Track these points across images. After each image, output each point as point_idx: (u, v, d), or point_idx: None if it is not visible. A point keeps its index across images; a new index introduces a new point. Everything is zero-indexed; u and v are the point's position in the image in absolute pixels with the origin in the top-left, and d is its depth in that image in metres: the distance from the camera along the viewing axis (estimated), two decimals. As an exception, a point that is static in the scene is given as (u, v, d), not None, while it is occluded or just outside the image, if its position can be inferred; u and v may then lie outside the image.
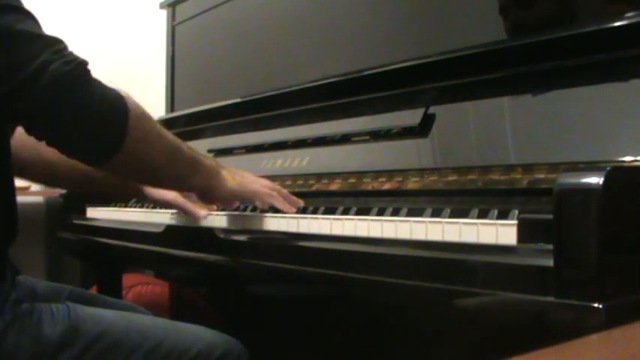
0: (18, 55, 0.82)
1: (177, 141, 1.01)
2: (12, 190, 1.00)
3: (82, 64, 0.87)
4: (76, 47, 0.90)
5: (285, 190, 1.12)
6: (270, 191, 1.09)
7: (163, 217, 1.34)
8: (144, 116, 0.93)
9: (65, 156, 0.92)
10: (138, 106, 0.92)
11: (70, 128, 0.86)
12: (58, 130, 0.87)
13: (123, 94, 0.90)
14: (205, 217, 1.18)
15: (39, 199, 2.39)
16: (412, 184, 1.01)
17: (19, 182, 1.02)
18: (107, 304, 1.18)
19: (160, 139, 0.97)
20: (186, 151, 1.02)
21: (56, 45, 0.86)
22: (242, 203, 1.17)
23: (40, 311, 0.93)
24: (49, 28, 0.89)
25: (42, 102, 0.83)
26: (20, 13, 0.86)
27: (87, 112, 0.85)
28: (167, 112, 1.90)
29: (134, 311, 1.17)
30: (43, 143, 0.90)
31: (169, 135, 1.00)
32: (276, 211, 1.09)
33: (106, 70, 0.88)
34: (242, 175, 1.11)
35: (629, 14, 0.85)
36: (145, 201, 1.38)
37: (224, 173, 1.07)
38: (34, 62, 0.82)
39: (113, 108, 0.88)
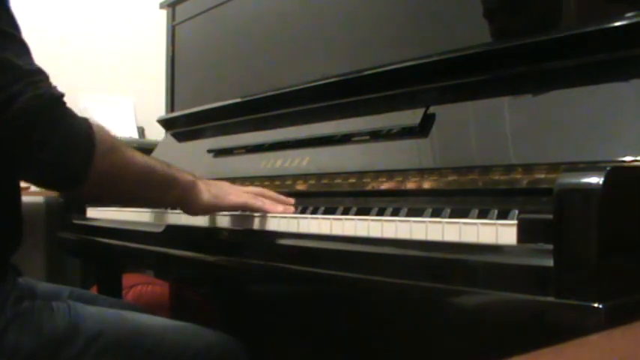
0: None
1: (150, 163, 1.01)
2: (18, 198, 1.00)
3: (52, 99, 0.87)
4: (76, 47, 0.90)
5: (271, 193, 1.11)
6: (246, 200, 1.07)
7: (163, 217, 1.34)
8: (112, 149, 0.93)
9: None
10: (107, 138, 0.92)
11: (31, 160, 0.88)
12: (20, 160, 0.89)
13: (94, 125, 0.91)
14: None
15: (39, 199, 2.39)
16: (412, 184, 1.01)
17: (18, 182, 1.03)
18: (108, 303, 1.18)
19: (128, 169, 0.97)
20: (159, 172, 1.01)
21: (32, 77, 0.86)
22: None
23: (41, 309, 0.93)
24: (48, 29, 0.88)
25: (6, 132, 0.84)
26: (4, 38, 0.86)
27: (48, 147, 0.86)
28: (167, 112, 1.90)
29: (134, 311, 1.17)
30: None
31: (140, 159, 0.99)
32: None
33: (106, 70, 0.88)
34: (219, 186, 1.09)
35: (629, 14, 0.85)
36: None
37: (200, 186, 1.05)
38: (3, 93, 0.83)
39: (77, 143, 0.89)
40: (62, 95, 0.89)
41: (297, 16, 1.47)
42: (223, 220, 1.15)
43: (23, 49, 0.88)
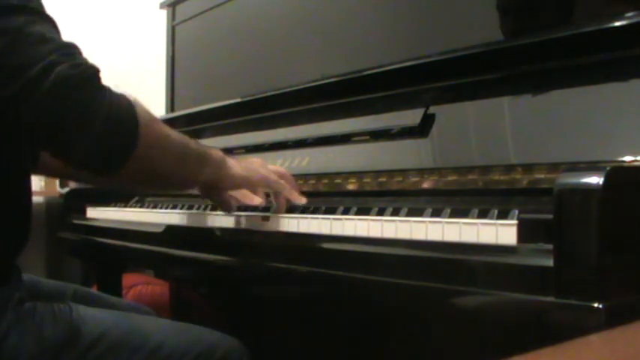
0: (25, 57, 0.79)
1: (185, 138, 0.97)
2: (29, 199, 1.00)
3: (91, 69, 0.83)
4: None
5: (291, 178, 1.11)
6: (278, 179, 1.07)
7: (163, 217, 1.34)
8: (153, 121, 0.89)
9: (72, 168, 0.88)
10: (147, 111, 0.88)
11: (75, 135, 0.81)
12: (63, 136, 0.82)
13: (131, 99, 0.86)
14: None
15: (39, 199, 2.39)
16: (412, 184, 1.01)
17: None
18: (111, 303, 1.18)
19: (169, 142, 0.93)
20: (194, 147, 0.98)
21: (67, 49, 0.83)
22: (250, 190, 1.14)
23: (42, 311, 0.93)
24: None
25: (45, 105, 0.79)
26: (35, 15, 0.83)
27: (94, 117, 0.81)
28: (167, 112, 1.90)
29: (138, 311, 1.17)
30: None
31: (176, 134, 0.96)
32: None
33: (106, 70, 0.86)
34: (248, 161, 1.08)
35: (629, 14, 0.85)
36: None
37: (230, 161, 1.03)
38: (40, 63, 0.78)
39: (123, 114, 0.84)
40: (99, 69, 0.84)
41: (297, 15, 1.47)
42: (223, 220, 1.15)
43: (54, 26, 0.86)
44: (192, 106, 1.73)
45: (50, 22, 0.86)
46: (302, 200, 1.06)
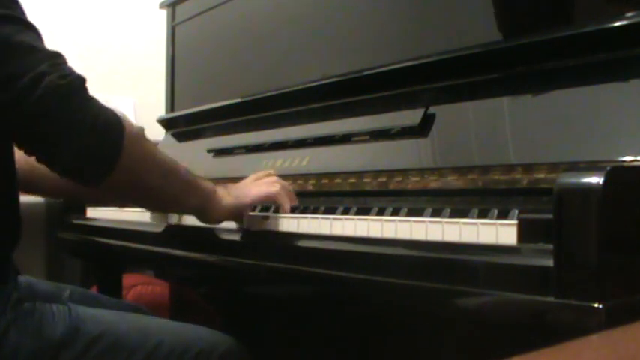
0: (14, 67, 0.81)
1: (174, 162, 0.99)
2: (16, 195, 1.00)
3: (78, 79, 0.85)
4: (76, 47, 0.90)
5: (283, 182, 1.11)
6: (267, 191, 1.07)
7: (163, 217, 1.34)
8: (140, 136, 0.91)
9: (57, 175, 0.89)
10: (134, 126, 0.90)
11: (61, 143, 0.83)
12: (49, 144, 0.84)
13: (119, 114, 0.88)
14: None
15: (39, 199, 2.39)
16: (412, 184, 1.01)
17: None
18: (109, 304, 1.18)
19: (155, 160, 0.95)
20: (183, 173, 1.00)
21: (54, 59, 0.84)
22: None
23: (42, 311, 0.93)
24: (48, 28, 0.88)
25: (34, 114, 0.81)
26: (20, 25, 0.84)
27: (80, 127, 0.83)
28: (167, 112, 1.90)
29: (136, 311, 1.17)
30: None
31: (165, 156, 0.98)
32: (277, 210, 1.09)
33: (106, 70, 0.87)
34: (238, 187, 1.09)
35: (629, 14, 0.85)
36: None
37: (220, 192, 1.05)
38: (29, 74, 0.80)
39: (108, 126, 0.85)
40: (85, 79, 0.86)
41: (297, 16, 1.47)
42: (223, 220, 1.15)
43: (38, 35, 0.87)
44: (192, 106, 1.73)
45: (34, 31, 0.87)
46: (294, 202, 1.08)
